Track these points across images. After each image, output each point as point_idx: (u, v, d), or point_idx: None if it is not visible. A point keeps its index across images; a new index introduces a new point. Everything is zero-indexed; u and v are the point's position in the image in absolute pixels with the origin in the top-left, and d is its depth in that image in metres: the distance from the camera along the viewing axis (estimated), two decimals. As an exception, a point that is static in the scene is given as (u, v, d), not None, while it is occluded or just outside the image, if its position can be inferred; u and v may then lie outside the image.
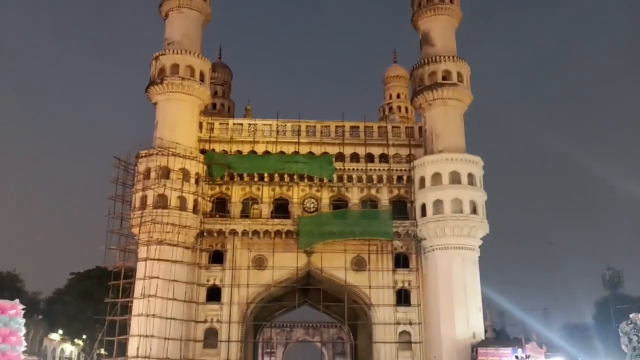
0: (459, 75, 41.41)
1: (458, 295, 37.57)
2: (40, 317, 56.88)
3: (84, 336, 58.26)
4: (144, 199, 37.66)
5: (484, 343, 35.93)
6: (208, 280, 38.95)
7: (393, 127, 43.39)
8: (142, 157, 38.65)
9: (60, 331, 57.66)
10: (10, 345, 9.42)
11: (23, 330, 9.90)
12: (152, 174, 37.76)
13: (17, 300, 10.01)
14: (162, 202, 37.29)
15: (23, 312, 10.10)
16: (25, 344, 10.12)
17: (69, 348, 60.52)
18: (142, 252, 37.11)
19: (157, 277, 35.59)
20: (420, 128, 42.81)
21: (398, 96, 60.95)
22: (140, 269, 36.66)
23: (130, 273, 38.25)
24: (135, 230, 37.70)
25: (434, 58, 41.68)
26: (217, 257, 39.73)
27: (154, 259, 35.91)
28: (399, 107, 60.12)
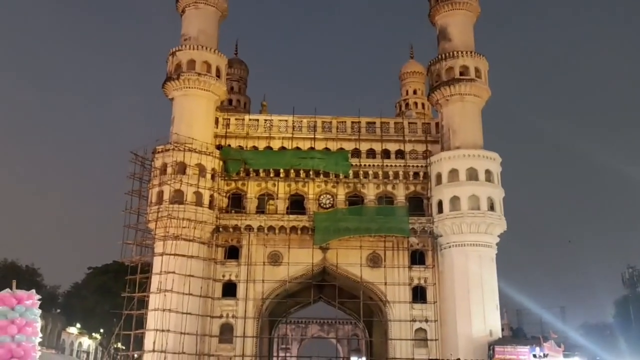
0: (477, 70, 40.94)
1: (475, 293, 37.20)
2: (58, 311, 57.56)
3: (102, 330, 58.77)
4: (160, 194, 37.82)
5: (501, 341, 35.59)
6: (224, 276, 39.04)
7: (410, 123, 43.07)
8: (158, 152, 38.82)
9: (78, 325, 58.23)
10: (25, 336, 9.37)
11: (39, 322, 9.87)
12: (169, 170, 37.91)
13: (33, 291, 9.96)
14: (178, 197, 37.41)
15: (39, 303, 10.06)
16: (41, 335, 10.09)
17: (86, 342, 61.10)
18: (158, 247, 37.29)
19: (173, 272, 35.74)
20: (437, 124, 42.44)
21: (414, 92, 60.54)
22: (157, 263, 36.84)
23: (147, 268, 38.41)
24: (151, 226, 37.88)
25: (451, 53, 41.25)
26: (232, 253, 39.81)
27: (170, 254, 36.07)
28: (415, 103, 59.69)
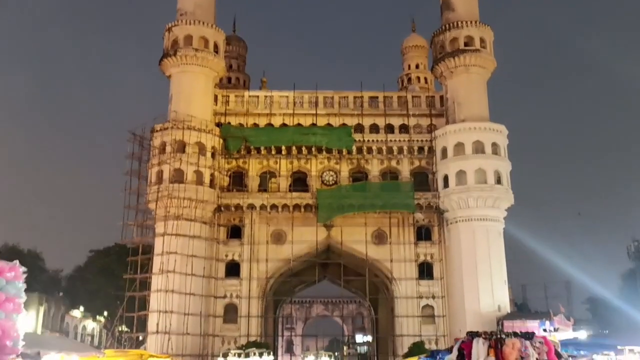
0: (482, 40, 39.81)
1: (482, 268, 36.58)
2: (61, 294, 57.18)
3: (105, 313, 58.48)
4: (159, 173, 37.05)
5: (510, 316, 35.05)
6: (226, 256, 38.45)
7: (413, 96, 42.08)
8: (157, 131, 37.94)
9: (82, 308, 57.90)
10: (5, 313, 8.49)
11: (23, 297, 8.98)
12: (168, 148, 37.08)
13: (16, 262, 9.04)
14: (178, 176, 36.65)
15: (24, 275, 9.15)
16: (24, 312, 9.24)
17: (90, 325, 60.79)
18: (159, 227, 36.62)
19: (175, 253, 35.14)
20: (441, 97, 41.44)
21: (417, 66, 59.31)
22: (158, 244, 36.21)
23: (149, 249, 37.81)
24: (152, 206, 37.18)
25: (455, 23, 40.06)
26: (235, 232, 39.18)
27: (171, 234, 35.43)
28: (418, 78, 58.49)
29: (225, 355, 31.29)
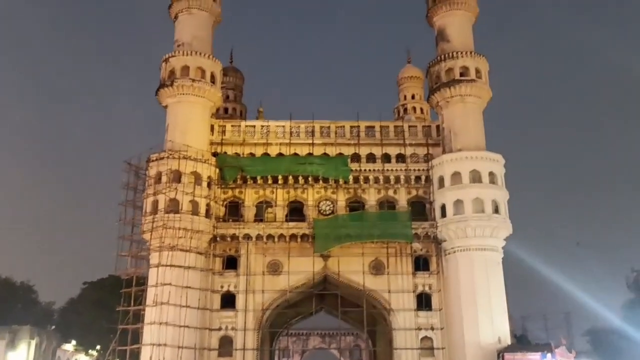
0: (477, 71, 40.11)
1: (481, 299, 36.05)
2: (53, 327, 56.18)
3: (98, 346, 57.37)
4: (155, 203, 36.73)
5: (511, 348, 34.40)
6: (222, 287, 37.85)
7: (410, 126, 42.16)
8: (152, 161, 37.76)
9: (74, 342, 56.81)
10: None
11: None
12: (163, 178, 36.84)
13: None
14: (173, 206, 36.31)
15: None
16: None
17: (83, 359, 59.60)
18: (154, 258, 36.13)
19: (170, 284, 34.59)
20: (437, 127, 41.50)
21: (413, 97, 59.96)
22: (152, 275, 35.66)
23: (143, 280, 37.29)
24: (146, 236, 36.74)
25: (450, 54, 40.42)
26: (231, 263, 38.63)
27: (166, 265, 34.95)
28: (414, 108, 59.08)
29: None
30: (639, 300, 61.65)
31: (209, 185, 38.05)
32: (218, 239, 38.20)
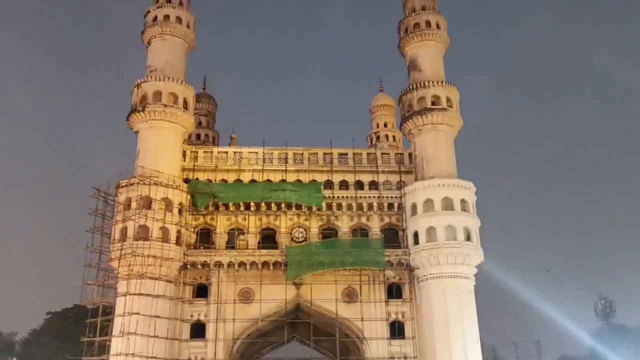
0: (449, 100, 40.76)
1: (454, 327, 35.94)
2: (14, 359, 54.04)
3: (61, 380, 55.28)
4: (124, 230, 35.91)
5: (484, 377, 34.16)
6: (192, 316, 36.97)
7: (382, 153, 42.43)
8: (122, 187, 37.04)
9: (36, 375, 54.69)
10: None
11: None
12: (133, 204, 36.09)
13: None
14: (143, 233, 35.55)
15: None
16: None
17: (44, 393, 57.27)
18: (121, 286, 35.14)
19: (138, 313, 33.57)
20: (410, 154, 41.87)
21: (385, 125, 60.55)
22: (120, 304, 34.60)
23: (109, 310, 36.18)
24: (114, 264, 35.79)
25: (422, 83, 41.04)
26: (201, 291, 37.89)
27: (134, 294, 33.96)
28: (387, 136, 59.58)
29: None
30: (608, 327, 62.50)
31: (180, 211, 37.43)
32: (188, 266, 37.46)
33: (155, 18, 41.76)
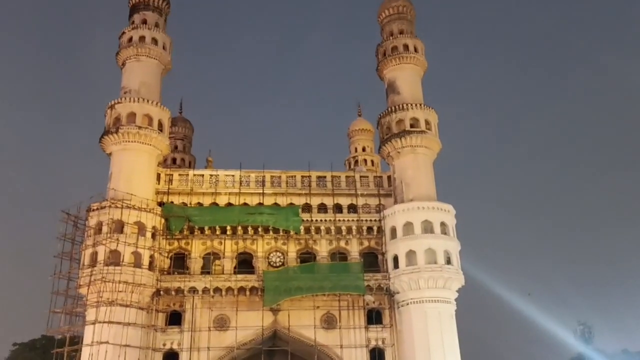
0: (427, 122, 40.63)
1: (435, 353, 35.15)
2: (-24, 394, 51.45)
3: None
4: (94, 255, 34.56)
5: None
6: (164, 345, 35.54)
7: (361, 176, 41.95)
8: (93, 210, 35.78)
9: (-1, 410, 52.10)
10: None
11: None
12: (104, 228, 34.83)
13: None
14: (114, 258, 34.26)
15: None
16: None
17: None
18: (90, 314, 33.62)
19: (107, 342, 32.03)
20: (389, 177, 41.46)
21: (364, 149, 60.36)
22: (88, 333, 33.00)
23: (77, 339, 34.54)
24: (83, 291, 34.36)
25: (401, 106, 40.91)
26: (174, 318, 36.57)
27: (103, 322, 32.44)
28: (365, 160, 59.32)
29: None
30: (587, 352, 62.11)
31: (153, 236, 36.27)
32: (162, 292, 36.15)
33: (130, 39, 41.12)
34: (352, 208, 40.19)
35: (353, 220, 39.35)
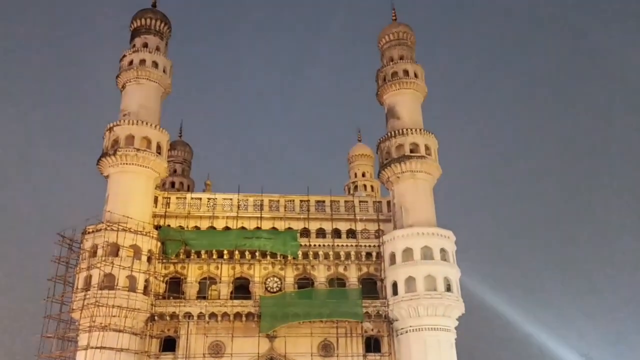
0: (427, 148, 40.46)
1: (435, 383, 34.25)
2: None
3: None
4: (88, 279, 34.03)
5: None
6: (158, 372, 34.71)
7: (360, 201, 41.61)
8: (88, 232, 35.37)
9: None
10: None
11: None
12: (99, 252, 34.36)
13: None
14: (108, 282, 33.70)
15: None
16: None
17: None
18: (82, 339, 32.94)
19: (99, 368, 31.30)
20: (388, 202, 41.11)
21: (363, 175, 60.08)
22: (80, 359, 32.28)
23: (69, 365, 33.78)
24: (76, 315, 33.72)
25: (400, 131, 40.78)
26: (169, 344, 35.86)
27: (95, 347, 31.73)
28: (365, 186, 58.95)
29: None
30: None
31: (149, 259, 35.79)
32: (156, 317, 35.50)
33: (131, 62, 41.24)
34: (351, 233, 39.78)
35: (352, 245, 38.88)
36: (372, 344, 37.08)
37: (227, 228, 38.84)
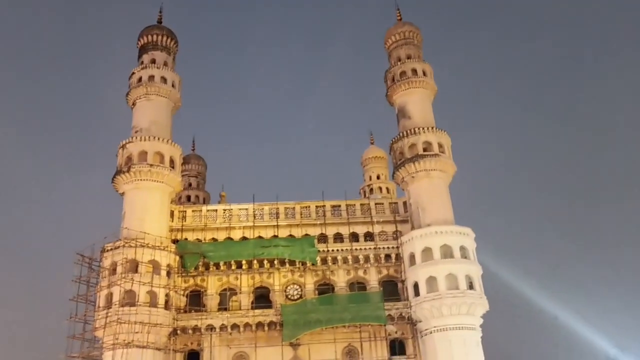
0: (440, 145, 40.05)
1: (464, 384, 33.71)
2: None
3: None
4: (109, 296, 34.15)
5: None
6: (183, 386, 34.68)
7: (376, 203, 41.30)
8: (107, 250, 35.55)
9: None
10: None
11: None
12: (119, 269, 34.51)
13: None
14: (129, 298, 33.82)
15: None
16: None
17: None
18: (107, 357, 33.03)
19: (124, 386, 31.35)
20: (404, 203, 40.74)
21: (378, 177, 59.65)
22: (105, 377, 32.42)
23: (95, 384, 33.89)
24: (99, 333, 33.81)
25: (412, 130, 40.45)
26: (193, 358, 35.85)
27: (120, 365, 31.81)
28: (380, 188, 58.54)
29: None
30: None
31: (168, 274, 35.85)
32: (178, 332, 35.50)
33: (140, 79, 41.52)
34: (369, 236, 39.46)
35: (370, 248, 38.58)
36: (396, 347, 36.72)
37: (244, 238, 38.79)
